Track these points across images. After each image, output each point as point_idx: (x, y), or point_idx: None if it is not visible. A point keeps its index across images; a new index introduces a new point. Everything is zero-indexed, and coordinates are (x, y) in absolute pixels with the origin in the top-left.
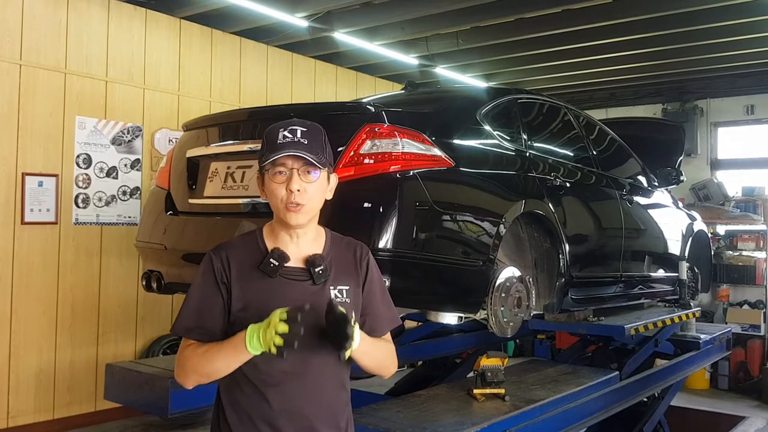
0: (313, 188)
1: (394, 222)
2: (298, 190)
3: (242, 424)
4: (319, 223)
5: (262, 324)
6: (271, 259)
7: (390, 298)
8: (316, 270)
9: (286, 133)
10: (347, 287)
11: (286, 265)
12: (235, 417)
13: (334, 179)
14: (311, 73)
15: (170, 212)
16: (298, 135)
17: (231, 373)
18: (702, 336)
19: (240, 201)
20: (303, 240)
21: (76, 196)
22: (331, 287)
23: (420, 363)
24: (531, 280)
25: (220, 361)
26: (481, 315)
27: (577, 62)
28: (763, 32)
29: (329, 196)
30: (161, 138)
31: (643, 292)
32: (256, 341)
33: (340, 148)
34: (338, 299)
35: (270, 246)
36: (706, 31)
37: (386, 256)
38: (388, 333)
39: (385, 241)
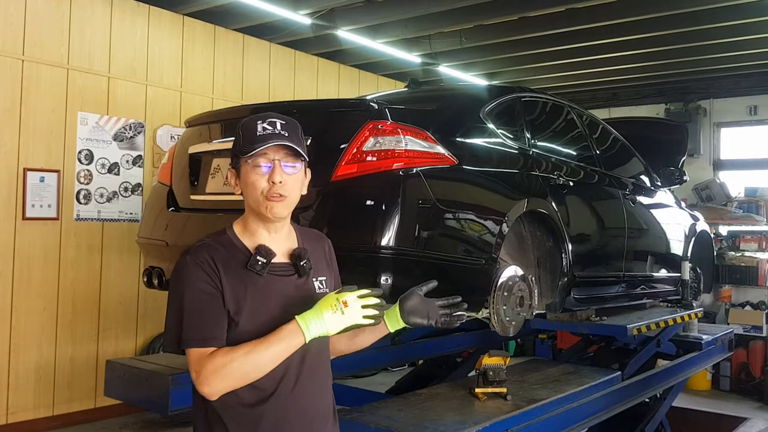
0: (293, 180)
1: (396, 220)
2: (281, 182)
3: (241, 428)
4: (322, 221)
5: (326, 309)
6: (258, 257)
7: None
8: (302, 263)
9: (265, 125)
10: (325, 278)
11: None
12: (232, 422)
13: (309, 174)
14: (314, 71)
15: (172, 208)
16: (278, 127)
17: None
18: (704, 337)
19: (242, 197)
20: (280, 235)
21: (78, 192)
22: (314, 279)
23: (421, 362)
24: (533, 279)
25: (267, 356)
26: (483, 314)
27: (581, 61)
28: (767, 33)
29: (304, 191)
30: (163, 134)
31: (646, 292)
32: (318, 326)
33: (342, 145)
34: (320, 290)
35: (248, 244)
36: (710, 31)
37: (388, 253)
38: None
39: (388, 238)
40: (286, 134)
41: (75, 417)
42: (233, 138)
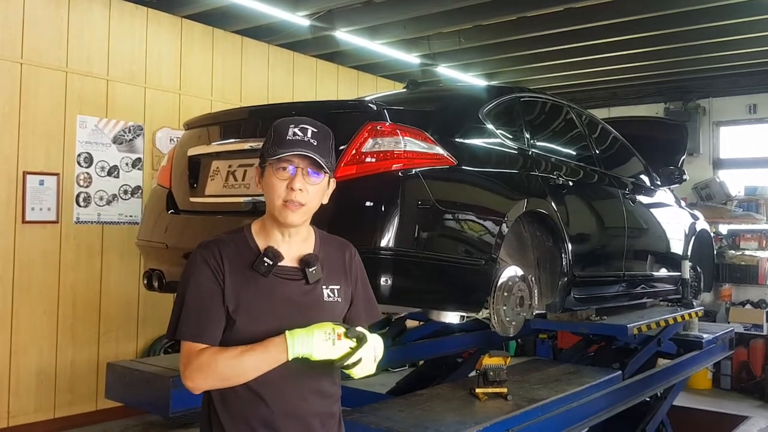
0: (314, 190)
1: (396, 221)
2: (300, 190)
3: (237, 428)
4: (321, 222)
5: (319, 332)
6: (265, 258)
7: (373, 294)
8: (311, 270)
9: (296, 130)
10: (338, 286)
11: (278, 264)
12: (229, 421)
13: (333, 184)
14: (312, 72)
15: (172, 211)
16: (309, 135)
17: None
18: (704, 335)
19: (241, 199)
20: (295, 239)
21: (77, 195)
22: (324, 286)
23: (422, 362)
24: (533, 279)
25: (249, 365)
26: (483, 314)
27: (580, 61)
28: (765, 31)
29: (325, 201)
30: (162, 137)
31: (646, 292)
32: (304, 346)
33: (341, 147)
34: (330, 298)
35: (260, 244)
36: (708, 30)
37: (388, 254)
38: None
39: (387, 239)
40: (315, 143)
41: (76, 420)
42: (233, 140)
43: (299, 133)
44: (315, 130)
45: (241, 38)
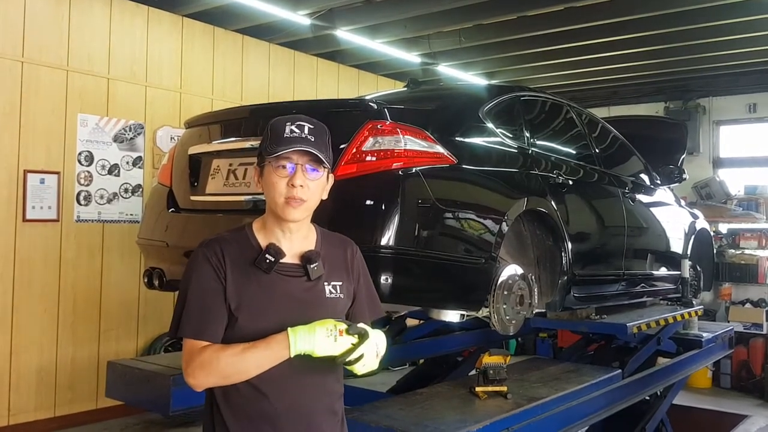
0: (314, 185)
1: (396, 219)
2: (301, 186)
3: (240, 424)
4: (322, 220)
5: (321, 328)
6: (267, 255)
7: (375, 291)
8: (312, 266)
9: (293, 127)
10: (340, 283)
11: (280, 261)
12: (231, 418)
13: (332, 179)
14: (313, 71)
15: (172, 209)
16: (306, 131)
17: None
18: (704, 334)
19: (242, 198)
20: (296, 236)
21: (78, 194)
22: (325, 283)
23: (422, 361)
24: (533, 277)
25: (251, 362)
26: (483, 313)
27: (580, 60)
28: (765, 30)
29: (324, 196)
30: (163, 135)
31: (646, 291)
32: (306, 342)
33: (342, 146)
34: (332, 295)
35: (262, 242)
36: (708, 29)
37: (388, 253)
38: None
39: (387, 238)
40: (312, 139)
41: (76, 418)
42: (234, 139)
43: (296, 130)
44: (311, 127)
45: (242, 37)
